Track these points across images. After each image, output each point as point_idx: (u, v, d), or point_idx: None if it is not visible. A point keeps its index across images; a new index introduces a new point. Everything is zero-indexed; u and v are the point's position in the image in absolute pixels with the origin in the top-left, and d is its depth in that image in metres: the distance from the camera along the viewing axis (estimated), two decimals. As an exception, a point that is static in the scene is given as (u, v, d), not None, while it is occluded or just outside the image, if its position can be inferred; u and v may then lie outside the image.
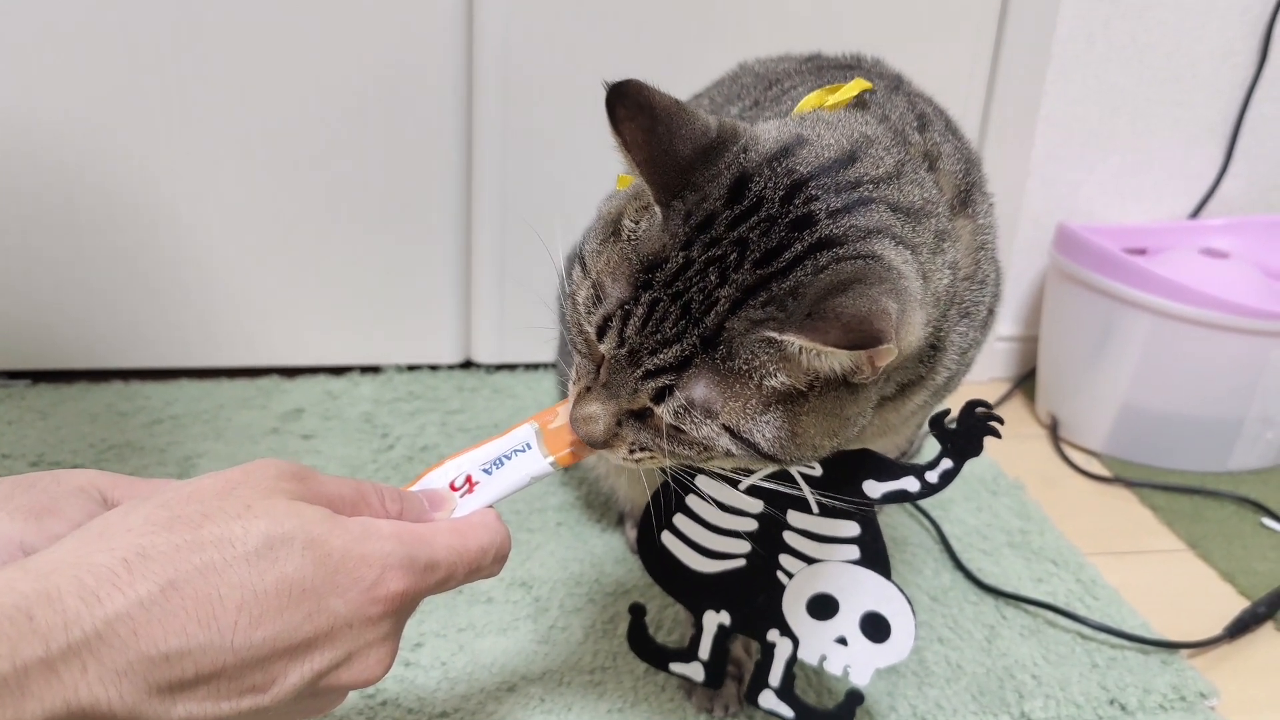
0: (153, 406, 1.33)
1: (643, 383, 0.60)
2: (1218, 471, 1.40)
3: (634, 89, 0.61)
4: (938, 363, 0.73)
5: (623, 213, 0.65)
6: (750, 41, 1.37)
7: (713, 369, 0.59)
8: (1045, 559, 1.16)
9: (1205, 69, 1.52)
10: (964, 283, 0.73)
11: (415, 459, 1.26)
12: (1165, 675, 0.99)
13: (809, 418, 0.60)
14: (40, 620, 0.43)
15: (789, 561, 0.81)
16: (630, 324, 0.60)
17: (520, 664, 0.94)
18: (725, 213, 0.61)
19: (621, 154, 0.62)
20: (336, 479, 0.58)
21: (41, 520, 0.54)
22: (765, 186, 0.62)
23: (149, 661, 0.46)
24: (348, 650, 0.53)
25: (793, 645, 0.83)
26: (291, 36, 1.28)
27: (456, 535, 0.59)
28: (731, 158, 0.63)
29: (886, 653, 0.80)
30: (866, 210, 0.63)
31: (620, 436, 0.64)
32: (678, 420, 0.60)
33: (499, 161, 1.38)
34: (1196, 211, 1.60)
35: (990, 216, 0.79)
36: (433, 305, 1.46)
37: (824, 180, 0.63)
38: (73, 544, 0.48)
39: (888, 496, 0.75)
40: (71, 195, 1.30)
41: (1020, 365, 1.64)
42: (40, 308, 1.35)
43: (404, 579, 0.54)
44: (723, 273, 0.59)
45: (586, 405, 0.64)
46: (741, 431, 0.60)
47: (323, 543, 0.51)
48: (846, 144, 0.66)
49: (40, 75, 1.24)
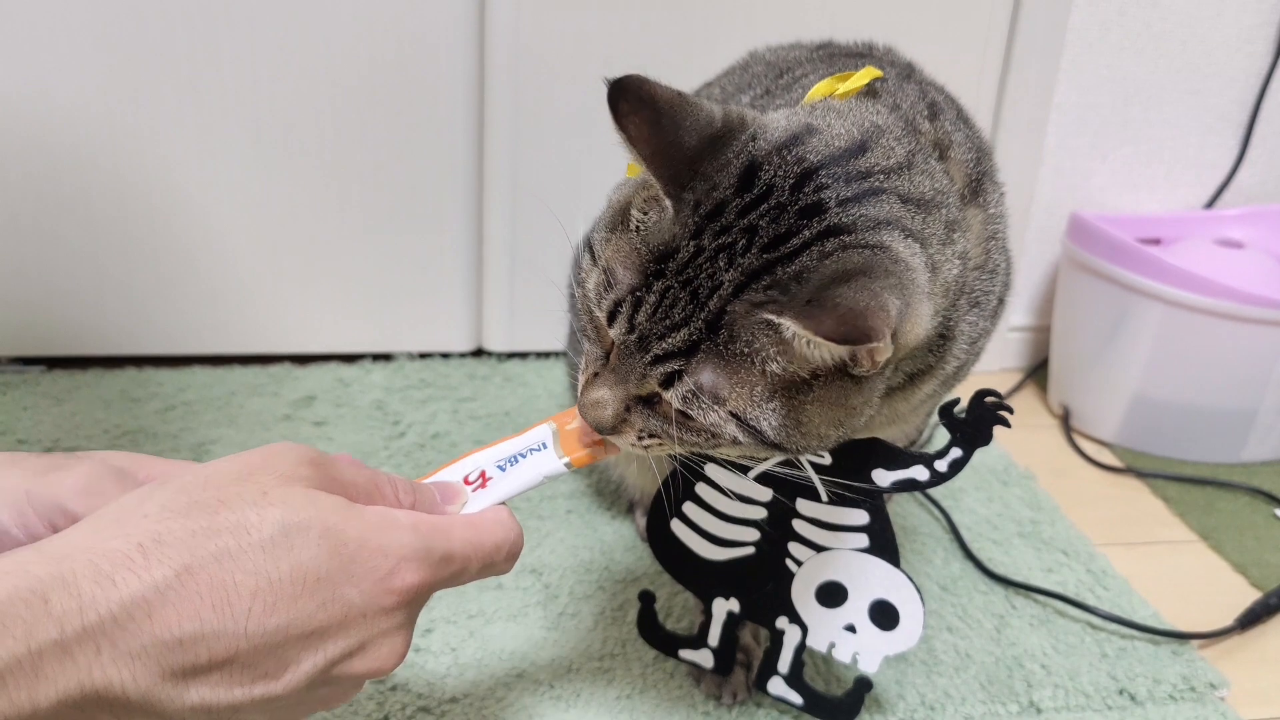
0: (166, 393, 1.33)
1: (651, 368, 0.61)
2: (1231, 463, 1.39)
3: (635, 83, 0.61)
4: (947, 352, 0.73)
5: (630, 202, 0.65)
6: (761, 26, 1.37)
7: (717, 353, 0.59)
8: (1056, 549, 1.15)
9: (1221, 57, 1.51)
10: (974, 272, 0.73)
11: (426, 446, 1.26)
12: (1175, 666, 0.99)
13: (813, 407, 0.60)
14: (55, 603, 0.44)
15: (798, 549, 0.81)
16: (641, 310, 0.61)
17: (530, 650, 0.95)
18: (735, 201, 0.61)
19: (627, 149, 0.62)
20: (352, 467, 0.58)
21: (48, 475, 0.54)
22: (775, 174, 0.62)
23: (163, 645, 0.46)
24: (361, 640, 0.53)
25: (802, 633, 0.84)
26: (303, 23, 1.28)
27: (472, 529, 0.59)
28: (740, 146, 0.63)
29: (895, 641, 0.80)
30: (877, 201, 0.63)
31: (629, 423, 0.64)
32: (686, 405, 0.60)
33: (511, 148, 1.38)
34: (1212, 201, 1.59)
35: (1001, 206, 0.79)
36: (444, 293, 1.46)
37: (834, 169, 0.63)
38: (88, 528, 0.49)
39: (897, 485, 0.75)
40: (85, 183, 1.30)
41: (1032, 355, 1.63)
42: (55, 295, 1.36)
43: (419, 571, 0.55)
44: (731, 258, 0.60)
45: (595, 390, 0.64)
46: (748, 418, 0.60)
47: (339, 532, 0.52)
48: (857, 134, 0.66)
49: (54, 63, 1.24)
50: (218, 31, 1.26)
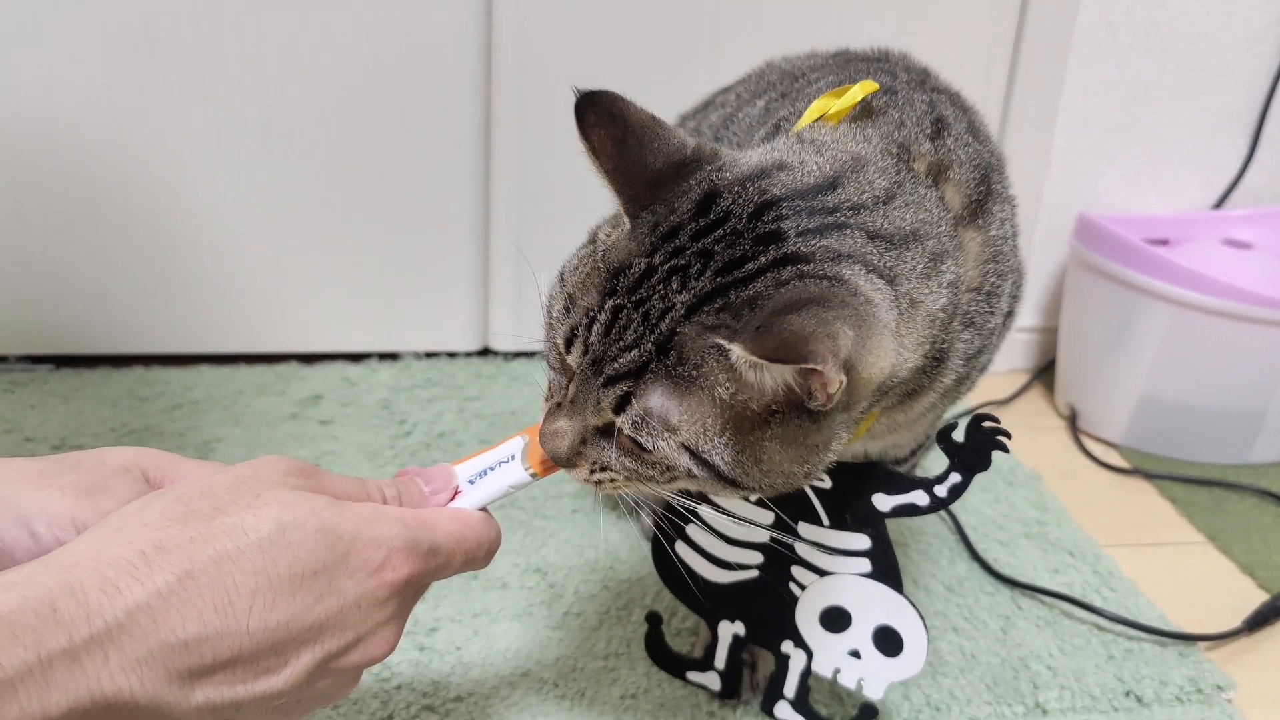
0: (172, 392, 1.34)
1: (604, 390, 0.60)
2: (1239, 464, 1.39)
3: (607, 98, 0.62)
4: (942, 371, 0.72)
5: (599, 229, 0.66)
6: (769, 30, 1.37)
7: (666, 375, 0.58)
8: (1062, 550, 1.15)
9: (1230, 57, 1.50)
10: (969, 294, 0.71)
11: (432, 445, 1.26)
12: (1182, 667, 0.98)
13: (771, 444, 0.59)
14: (63, 611, 0.45)
15: (801, 573, 0.81)
16: (594, 330, 0.60)
17: (534, 649, 0.95)
18: (691, 224, 0.61)
19: (590, 161, 0.62)
20: (341, 476, 0.59)
21: (93, 498, 0.55)
22: (734, 203, 0.62)
23: (168, 649, 0.47)
24: (356, 633, 0.54)
25: (807, 657, 0.83)
26: (311, 24, 1.28)
27: (457, 524, 0.61)
28: (704, 175, 0.63)
29: (899, 667, 0.80)
30: (840, 234, 0.62)
31: (584, 455, 0.63)
32: (636, 431, 0.59)
33: (517, 149, 1.38)
34: (1220, 202, 1.58)
35: (1006, 226, 0.76)
36: (451, 293, 1.47)
37: (797, 203, 0.62)
38: (91, 538, 0.50)
39: (897, 510, 0.75)
40: (93, 183, 1.31)
41: (1039, 356, 1.63)
42: (63, 294, 1.36)
43: (408, 562, 0.56)
44: (684, 281, 0.59)
45: (554, 421, 0.63)
46: (700, 452, 0.59)
47: (333, 526, 0.53)
48: (830, 169, 0.65)
49: (63, 63, 1.25)
50: (225, 32, 1.27)
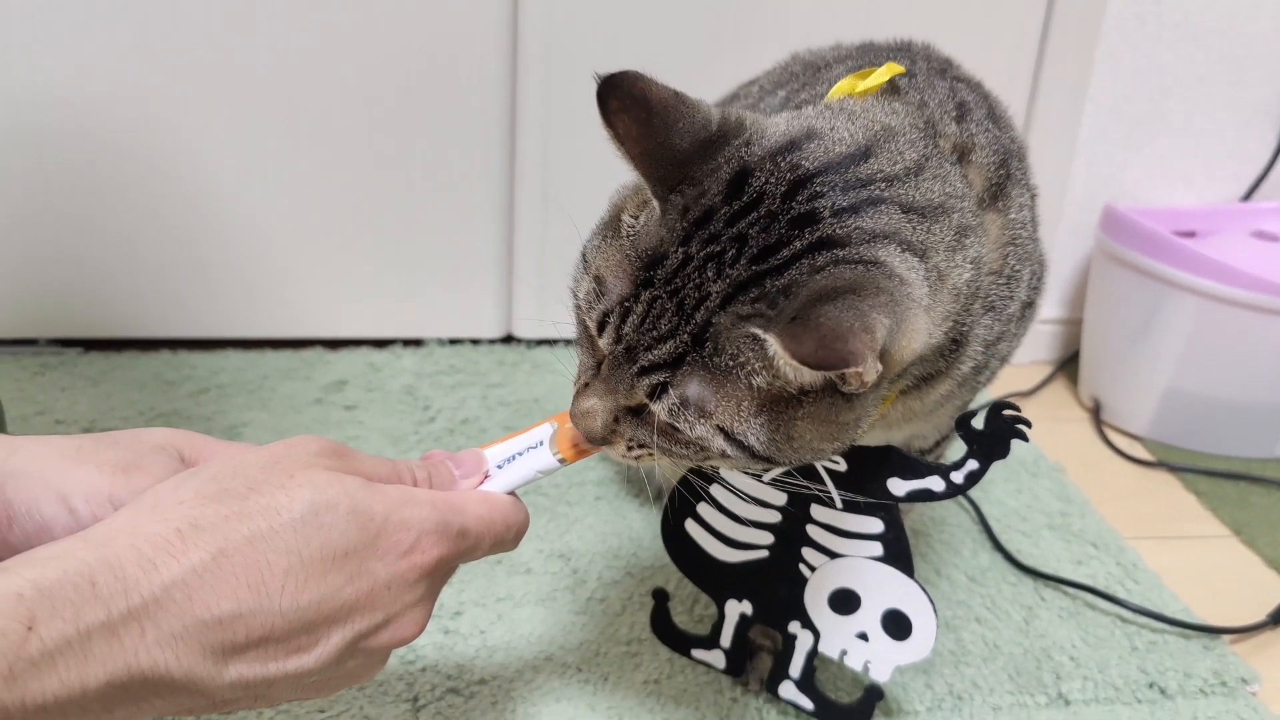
0: (199, 376, 1.35)
1: (638, 379, 0.60)
2: (1264, 457, 1.38)
3: (628, 80, 0.59)
4: (960, 356, 0.71)
5: (623, 208, 0.64)
6: (794, 23, 1.37)
7: (703, 366, 0.58)
8: (1085, 542, 1.15)
9: (1260, 48, 1.49)
10: (990, 277, 0.71)
11: (456, 431, 1.27)
12: (1206, 660, 0.98)
13: (804, 423, 0.59)
14: (101, 586, 0.45)
15: (811, 555, 0.81)
16: (629, 321, 0.60)
17: (558, 634, 0.95)
18: (724, 208, 0.59)
19: (616, 147, 0.61)
20: (373, 457, 0.60)
21: (129, 475, 0.55)
22: (766, 182, 0.60)
23: (203, 625, 0.47)
24: (386, 613, 0.55)
25: (814, 638, 0.84)
26: (338, 14, 1.29)
27: (486, 506, 0.61)
28: (732, 151, 0.61)
29: (907, 651, 0.80)
30: (875, 211, 0.60)
31: (618, 433, 0.63)
32: (672, 418, 0.59)
33: (542, 137, 1.38)
34: (1249, 194, 1.57)
35: (1026, 212, 0.76)
36: (475, 280, 1.47)
37: (831, 177, 0.61)
38: (127, 515, 0.50)
39: (912, 495, 0.75)
40: (121, 169, 1.32)
41: (1063, 348, 1.62)
42: (91, 278, 1.37)
43: (439, 545, 0.56)
44: (719, 269, 0.58)
45: (585, 400, 0.63)
46: (735, 434, 0.59)
47: (365, 508, 0.53)
48: (862, 138, 0.64)
49: (92, 52, 1.26)
50: (253, 21, 1.27)
